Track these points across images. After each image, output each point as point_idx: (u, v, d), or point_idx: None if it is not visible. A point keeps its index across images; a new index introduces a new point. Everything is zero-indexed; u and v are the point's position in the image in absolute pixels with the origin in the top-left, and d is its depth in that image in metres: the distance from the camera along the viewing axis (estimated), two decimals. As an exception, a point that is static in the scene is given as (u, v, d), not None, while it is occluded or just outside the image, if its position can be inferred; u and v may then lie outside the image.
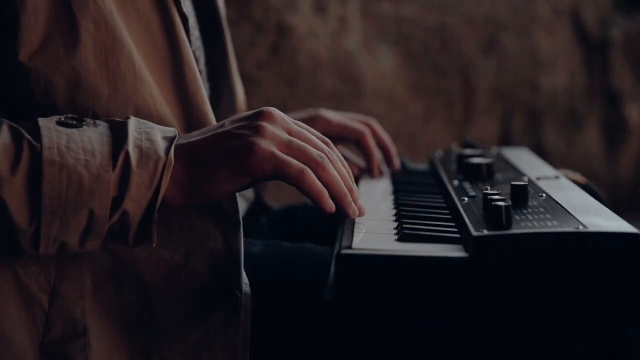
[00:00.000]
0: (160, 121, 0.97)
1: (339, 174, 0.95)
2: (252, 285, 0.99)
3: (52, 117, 0.89)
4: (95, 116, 0.93)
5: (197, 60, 1.14)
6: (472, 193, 1.05)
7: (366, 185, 1.31)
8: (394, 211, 1.07)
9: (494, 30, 3.06)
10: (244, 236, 1.02)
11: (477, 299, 0.84)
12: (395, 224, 0.99)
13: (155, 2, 0.99)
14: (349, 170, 0.98)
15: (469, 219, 0.90)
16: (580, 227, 0.84)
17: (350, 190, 0.96)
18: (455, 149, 1.41)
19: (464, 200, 1.01)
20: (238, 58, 1.41)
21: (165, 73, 0.99)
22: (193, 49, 1.12)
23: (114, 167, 0.86)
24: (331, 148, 0.97)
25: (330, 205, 0.94)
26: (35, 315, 0.92)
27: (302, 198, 1.69)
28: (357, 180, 1.25)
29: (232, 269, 0.98)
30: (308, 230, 1.37)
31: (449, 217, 1.01)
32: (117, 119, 0.92)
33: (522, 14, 3.11)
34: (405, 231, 0.93)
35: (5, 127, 0.86)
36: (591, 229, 0.83)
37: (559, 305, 0.84)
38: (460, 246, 0.88)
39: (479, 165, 1.16)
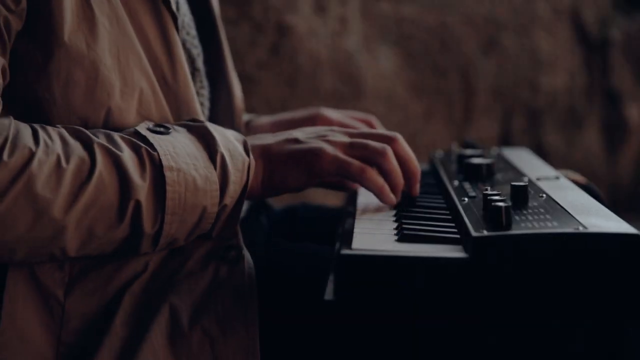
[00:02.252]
0: (160, 114, 1.02)
1: (405, 157, 1.06)
2: (252, 286, 1.00)
3: (140, 125, 0.97)
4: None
5: (194, 59, 1.15)
6: (472, 193, 1.05)
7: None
8: (394, 211, 1.07)
9: (494, 30, 3.06)
10: (244, 236, 1.03)
11: (477, 299, 0.84)
12: (395, 224, 0.99)
13: (146, 1, 1.02)
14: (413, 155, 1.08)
15: (468, 219, 0.90)
16: (580, 228, 0.83)
17: (416, 174, 1.08)
18: (456, 149, 1.41)
19: (464, 200, 1.01)
20: (238, 58, 1.41)
21: (158, 69, 1.02)
22: (188, 47, 1.14)
23: (214, 167, 0.96)
24: (393, 137, 1.07)
25: (391, 199, 1.06)
26: (53, 310, 0.94)
27: (302, 198, 1.69)
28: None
29: (230, 234, 1.02)
30: (308, 230, 1.37)
31: (449, 217, 1.01)
32: (190, 123, 1.01)
33: (522, 14, 3.11)
34: (405, 232, 0.93)
35: (118, 138, 0.93)
36: (591, 229, 0.83)
37: (559, 306, 0.84)
38: (460, 247, 0.88)
39: (479, 165, 1.16)
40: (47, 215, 0.87)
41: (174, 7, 1.05)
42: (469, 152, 1.30)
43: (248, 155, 1.00)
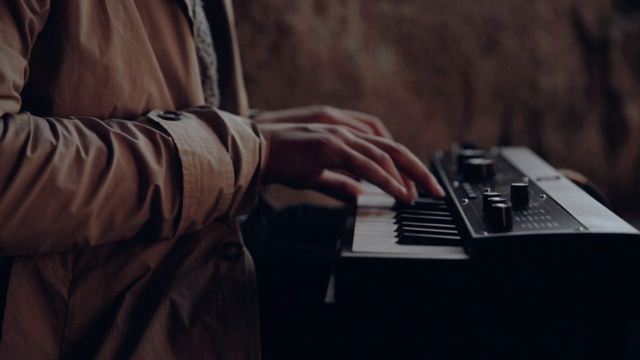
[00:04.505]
0: None
1: (409, 164, 1.08)
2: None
3: (151, 113, 0.99)
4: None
5: (206, 67, 1.16)
6: (473, 194, 1.05)
7: (367, 186, 1.30)
8: (394, 213, 1.07)
9: (494, 30, 3.06)
10: (245, 236, 1.03)
11: (478, 300, 0.84)
12: (396, 226, 0.99)
13: (165, 5, 1.04)
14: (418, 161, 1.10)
15: (469, 220, 0.90)
16: (581, 229, 0.83)
17: (426, 175, 1.09)
18: (456, 149, 1.41)
19: (464, 201, 1.01)
20: (238, 58, 1.41)
21: (173, 72, 1.04)
22: (201, 55, 1.15)
23: (227, 149, 0.98)
24: (396, 147, 1.09)
25: (398, 188, 1.07)
26: (57, 308, 0.95)
27: (302, 199, 1.69)
28: (358, 181, 1.25)
29: (230, 232, 1.03)
30: (308, 231, 1.37)
31: (450, 219, 1.01)
32: (198, 109, 1.03)
33: (522, 14, 3.11)
34: (406, 233, 0.92)
35: (131, 126, 0.95)
36: (591, 230, 0.83)
37: (560, 306, 0.84)
38: (460, 248, 0.88)
39: (479, 166, 1.16)
40: (70, 207, 0.88)
41: (190, 13, 1.07)
42: (469, 152, 1.30)
43: (258, 136, 1.02)
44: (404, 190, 1.08)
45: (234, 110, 1.27)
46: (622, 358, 0.96)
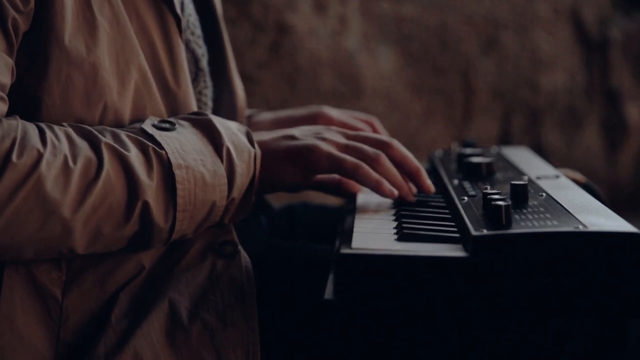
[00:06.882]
0: (155, 114, 1.02)
1: (402, 158, 1.07)
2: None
3: (146, 122, 0.97)
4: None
5: (198, 59, 1.16)
6: (472, 192, 1.05)
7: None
8: (394, 210, 1.07)
9: (494, 30, 3.06)
10: (244, 235, 1.03)
11: (477, 298, 0.84)
12: (395, 224, 0.99)
13: (150, 1, 1.03)
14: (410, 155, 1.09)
15: (468, 218, 0.90)
16: (580, 227, 0.83)
17: (418, 170, 1.08)
18: (455, 148, 1.41)
19: (463, 199, 1.01)
20: (238, 57, 1.41)
21: (160, 72, 1.03)
22: (192, 47, 1.14)
23: (221, 161, 0.97)
24: (388, 142, 1.08)
25: (390, 191, 1.06)
26: (51, 309, 0.94)
27: (301, 198, 1.69)
28: None
29: (225, 231, 1.03)
30: (307, 230, 1.37)
31: (449, 216, 1.01)
32: (193, 116, 1.01)
33: (522, 14, 3.11)
34: (405, 231, 0.92)
35: (125, 137, 0.94)
36: (591, 228, 0.83)
37: (560, 305, 0.84)
38: (460, 246, 0.88)
39: (479, 164, 1.16)
40: (55, 216, 0.88)
41: (177, 8, 1.06)
42: (468, 150, 1.30)
43: (253, 146, 1.02)
44: (395, 192, 1.06)
45: (231, 101, 1.27)
46: (621, 358, 0.96)
